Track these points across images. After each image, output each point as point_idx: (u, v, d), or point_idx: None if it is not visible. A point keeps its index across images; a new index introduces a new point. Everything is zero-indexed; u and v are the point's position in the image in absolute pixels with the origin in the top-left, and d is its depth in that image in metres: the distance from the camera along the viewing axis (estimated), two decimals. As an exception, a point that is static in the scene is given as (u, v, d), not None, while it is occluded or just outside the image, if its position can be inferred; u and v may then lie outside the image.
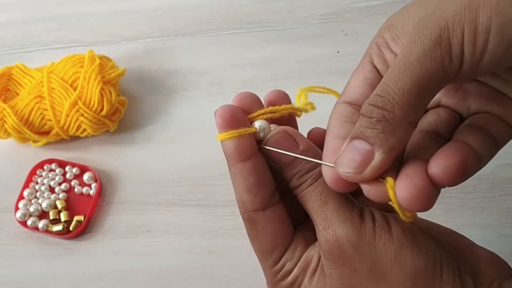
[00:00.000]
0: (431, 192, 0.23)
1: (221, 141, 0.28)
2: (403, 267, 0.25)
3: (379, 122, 0.23)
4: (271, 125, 0.29)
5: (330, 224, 0.26)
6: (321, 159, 0.27)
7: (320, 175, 0.27)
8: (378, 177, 0.24)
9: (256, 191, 0.27)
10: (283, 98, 0.30)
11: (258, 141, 0.28)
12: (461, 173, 0.24)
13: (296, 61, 0.55)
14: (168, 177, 0.50)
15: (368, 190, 0.25)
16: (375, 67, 0.28)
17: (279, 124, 0.29)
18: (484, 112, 0.27)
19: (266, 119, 0.28)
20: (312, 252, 0.28)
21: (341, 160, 0.24)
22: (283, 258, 0.28)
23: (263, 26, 0.58)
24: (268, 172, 0.28)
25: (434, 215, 0.46)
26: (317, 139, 0.30)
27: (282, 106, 0.29)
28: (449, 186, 0.24)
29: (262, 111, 0.28)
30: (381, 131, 0.23)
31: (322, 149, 0.27)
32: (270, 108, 0.29)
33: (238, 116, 0.28)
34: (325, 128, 0.28)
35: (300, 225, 0.29)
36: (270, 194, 0.28)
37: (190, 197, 0.49)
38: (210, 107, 0.30)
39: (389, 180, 0.24)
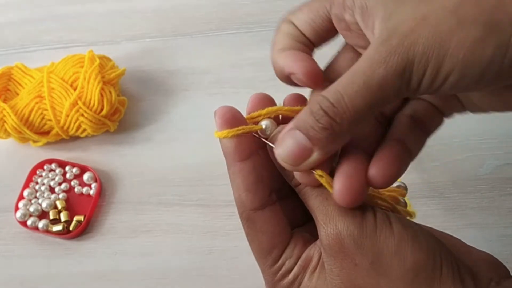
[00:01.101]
0: (364, 191, 0.25)
1: (221, 140, 0.28)
2: (403, 261, 0.25)
3: (326, 130, 0.24)
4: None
5: (331, 219, 0.26)
6: None
7: None
8: None
9: (255, 190, 0.28)
10: (299, 101, 0.30)
11: (259, 140, 0.28)
12: (396, 178, 0.26)
13: (296, 61, 0.55)
14: (168, 177, 0.50)
15: (300, 175, 0.26)
16: (328, 12, 0.28)
17: None
18: (426, 101, 0.29)
19: (272, 119, 0.29)
20: (313, 251, 0.28)
21: (282, 148, 0.25)
22: (283, 257, 0.28)
23: (263, 26, 0.58)
24: (266, 172, 0.28)
25: (435, 215, 0.46)
26: None
27: (275, 108, 0.29)
28: (382, 188, 0.27)
29: (256, 113, 0.29)
30: (325, 137, 0.24)
31: None
32: (267, 109, 0.29)
33: (238, 116, 0.28)
34: None
35: (297, 228, 0.30)
36: (268, 194, 0.28)
37: (190, 197, 0.49)
38: (210, 107, 0.30)
39: (323, 175, 0.25)
